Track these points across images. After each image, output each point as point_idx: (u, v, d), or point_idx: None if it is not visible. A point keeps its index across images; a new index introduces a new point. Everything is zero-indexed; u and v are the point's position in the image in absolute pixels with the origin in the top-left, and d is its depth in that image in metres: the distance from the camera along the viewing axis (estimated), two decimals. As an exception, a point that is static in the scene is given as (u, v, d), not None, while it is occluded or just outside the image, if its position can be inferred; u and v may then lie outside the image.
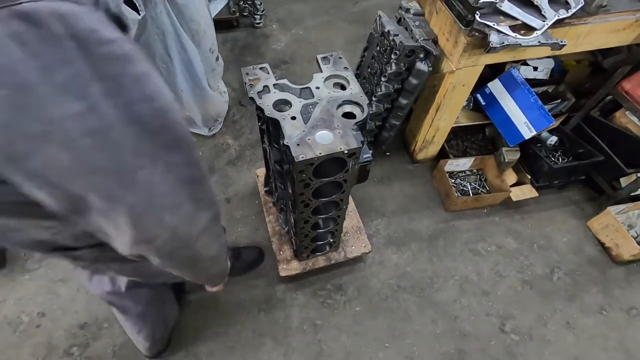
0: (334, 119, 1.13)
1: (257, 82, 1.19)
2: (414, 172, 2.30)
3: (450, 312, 1.81)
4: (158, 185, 0.51)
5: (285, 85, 1.21)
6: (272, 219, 1.86)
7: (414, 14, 1.82)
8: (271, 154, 1.37)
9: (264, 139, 1.49)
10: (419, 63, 1.72)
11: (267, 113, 1.12)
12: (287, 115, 1.12)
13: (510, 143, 1.98)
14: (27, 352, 1.66)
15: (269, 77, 1.22)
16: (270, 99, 1.16)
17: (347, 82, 1.25)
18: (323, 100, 1.17)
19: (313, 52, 2.92)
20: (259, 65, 1.25)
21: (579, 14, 1.50)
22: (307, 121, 1.11)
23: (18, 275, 1.87)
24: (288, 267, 1.73)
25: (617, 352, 1.73)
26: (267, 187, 1.87)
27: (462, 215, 2.13)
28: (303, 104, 1.16)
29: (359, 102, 1.19)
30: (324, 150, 1.05)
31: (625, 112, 1.96)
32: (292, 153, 1.03)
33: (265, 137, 1.38)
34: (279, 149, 1.24)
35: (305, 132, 1.08)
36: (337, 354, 1.68)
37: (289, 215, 1.60)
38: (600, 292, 1.90)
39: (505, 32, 1.44)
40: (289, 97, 1.17)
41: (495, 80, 2.01)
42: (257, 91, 1.18)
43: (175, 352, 1.66)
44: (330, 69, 1.26)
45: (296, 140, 1.06)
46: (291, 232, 1.66)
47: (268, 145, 1.38)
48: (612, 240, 1.98)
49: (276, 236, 1.80)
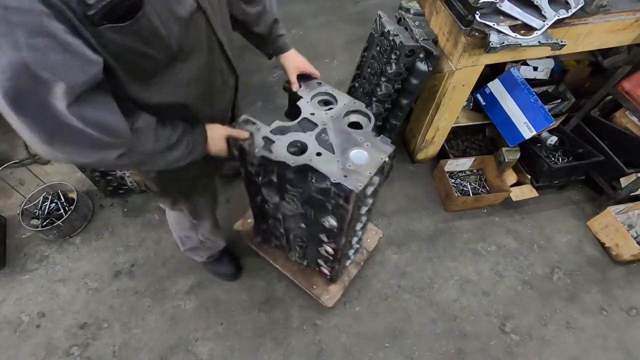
0: (352, 135, 1.08)
1: (253, 138, 1.07)
2: (414, 172, 2.30)
3: (450, 312, 1.81)
4: None
5: (282, 128, 1.11)
6: (282, 261, 1.73)
7: (414, 14, 1.82)
8: (280, 204, 1.27)
9: (260, 196, 1.34)
10: (419, 63, 1.72)
11: (292, 163, 1.01)
12: (312, 156, 1.03)
13: (510, 143, 1.98)
14: (27, 352, 1.66)
15: (258, 125, 1.11)
16: (281, 149, 1.05)
17: (332, 95, 1.20)
18: (329, 123, 1.11)
19: (313, 52, 2.92)
20: (241, 119, 1.12)
21: (579, 14, 1.50)
22: (332, 150, 1.04)
23: (18, 275, 1.87)
24: (330, 295, 1.66)
25: (617, 352, 1.73)
26: (260, 237, 1.72)
27: (462, 215, 2.13)
28: (315, 136, 1.08)
29: (359, 110, 1.16)
30: (370, 168, 1.01)
31: (625, 112, 1.96)
32: (347, 187, 0.97)
33: (271, 191, 1.24)
34: (307, 191, 1.14)
35: (340, 161, 1.02)
36: (337, 354, 1.68)
37: (311, 249, 1.50)
38: (600, 292, 1.90)
39: (505, 32, 1.44)
40: (296, 137, 1.08)
41: (495, 80, 2.01)
42: (261, 146, 1.07)
43: (175, 352, 1.66)
44: (307, 91, 1.20)
45: (341, 174, 0.99)
46: (319, 262, 1.58)
47: (278, 199, 1.25)
48: (612, 240, 1.98)
49: (298, 274, 1.70)
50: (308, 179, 1.08)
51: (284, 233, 1.50)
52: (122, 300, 1.80)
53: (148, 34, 0.71)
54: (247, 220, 1.80)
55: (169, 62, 0.80)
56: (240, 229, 1.79)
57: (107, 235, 2.00)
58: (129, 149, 0.79)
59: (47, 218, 1.96)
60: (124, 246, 1.96)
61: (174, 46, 0.77)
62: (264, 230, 1.63)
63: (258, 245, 1.75)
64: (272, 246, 1.73)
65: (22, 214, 1.93)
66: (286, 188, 1.17)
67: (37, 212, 1.99)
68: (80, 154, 0.75)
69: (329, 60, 2.89)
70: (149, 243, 1.97)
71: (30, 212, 2.00)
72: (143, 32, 0.70)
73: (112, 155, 0.77)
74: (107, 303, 1.79)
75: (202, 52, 0.87)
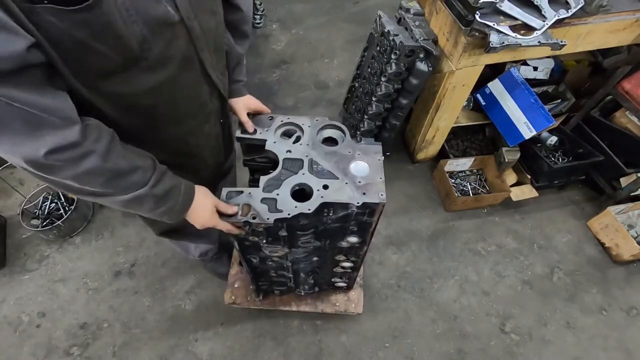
0: (339, 151, 1.06)
1: (249, 207, 0.95)
2: (414, 172, 2.30)
3: (450, 312, 1.81)
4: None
5: (272, 181, 1.00)
6: (294, 302, 1.63)
7: (414, 14, 1.82)
8: (289, 253, 1.20)
9: (258, 258, 1.23)
10: (419, 63, 1.71)
11: (309, 210, 0.94)
12: (321, 192, 0.97)
13: (510, 143, 1.98)
14: (27, 352, 1.66)
15: (247, 191, 0.98)
16: (287, 202, 0.96)
17: (292, 123, 1.13)
18: (311, 152, 1.05)
19: (313, 52, 2.92)
20: (223, 193, 0.98)
21: (579, 14, 1.50)
22: (334, 175, 1.01)
23: (18, 275, 1.87)
24: (356, 302, 1.63)
25: (617, 352, 1.73)
26: (261, 295, 1.59)
27: (462, 215, 2.13)
28: (309, 171, 1.01)
29: (327, 125, 1.12)
30: (377, 173, 1.01)
31: (625, 112, 1.96)
32: (372, 202, 0.96)
33: (277, 246, 1.14)
34: (321, 226, 1.08)
35: (348, 182, 0.99)
36: (337, 354, 1.68)
37: (324, 274, 1.46)
38: (600, 292, 1.90)
39: (505, 32, 1.44)
40: (293, 182, 0.99)
41: (495, 80, 2.01)
42: (269, 210, 0.95)
43: (175, 352, 1.66)
44: (265, 130, 1.11)
45: (359, 193, 0.97)
46: (333, 281, 1.55)
47: (286, 249, 1.17)
48: (612, 240, 1.98)
49: (317, 303, 1.63)
50: (323, 215, 1.02)
51: (293, 276, 1.42)
52: (122, 300, 1.80)
53: (100, 29, 0.61)
54: (233, 287, 1.63)
55: (127, 67, 0.70)
56: (233, 300, 1.60)
57: (107, 235, 2.00)
58: (72, 143, 0.65)
59: (47, 218, 1.96)
60: (124, 246, 1.96)
61: (135, 50, 0.68)
62: (263, 287, 1.54)
63: (261, 303, 1.62)
64: (277, 295, 1.63)
65: (22, 214, 1.93)
66: (297, 235, 1.10)
67: (37, 212, 1.99)
68: (9, 142, 0.62)
69: (329, 60, 2.89)
70: (149, 243, 1.97)
71: (30, 212, 2.00)
72: (94, 24, 0.60)
73: (49, 144, 0.63)
74: (107, 303, 1.79)
75: (173, 66, 0.78)
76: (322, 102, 2.63)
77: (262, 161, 1.18)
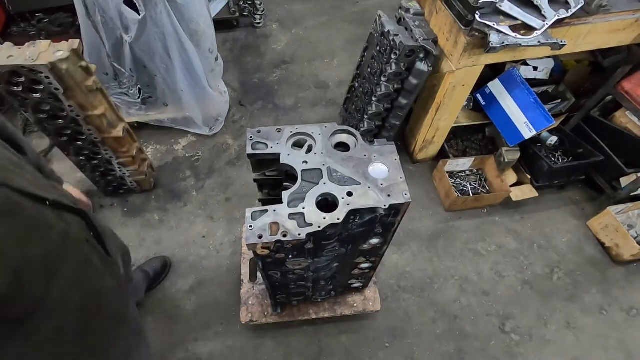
0: (355, 156, 1.05)
1: (278, 226, 0.93)
2: (414, 172, 2.30)
3: (450, 312, 1.81)
4: None
5: (296, 197, 0.98)
6: (313, 309, 1.64)
7: (414, 14, 1.82)
8: (313, 263, 1.19)
9: (279, 272, 1.21)
10: (419, 63, 1.72)
11: (339, 219, 0.93)
12: (347, 199, 0.96)
13: (510, 143, 1.98)
14: (27, 352, 1.66)
15: (271, 208, 0.96)
16: (315, 215, 0.94)
17: (301, 133, 1.11)
18: (329, 160, 1.04)
19: (313, 52, 2.92)
20: (248, 214, 0.95)
21: (579, 14, 1.50)
22: (355, 181, 1.01)
23: (18, 275, 1.87)
24: (373, 300, 1.64)
25: (617, 352, 1.73)
26: (279, 307, 1.60)
27: (462, 215, 2.13)
28: (332, 180, 1.00)
29: (338, 130, 1.12)
30: (397, 173, 1.01)
31: (625, 112, 1.96)
32: (398, 203, 0.96)
33: (301, 258, 1.12)
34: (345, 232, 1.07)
35: (370, 187, 0.99)
36: (337, 354, 1.68)
37: (342, 277, 1.45)
38: (600, 292, 1.90)
39: (505, 32, 1.44)
40: (317, 193, 0.97)
41: (495, 80, 2.01)
42: (299, 225, 0.93)
43: (175, 352, 1.66)
44: (276, 143, 1.08)
45: (383, 195, 0.97)
46: (349, 283, 1.55)
47: (310, 260, 1.15)
48: (612, 240, 1.98)
49: (335, 308, 1.65)
50: (349, 221, 1.01)
51: (312, 285, 1.40)
52: (122, 300, 1.80)
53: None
54: (248, 304, 1.61)
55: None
56: (250, 318, 1.58)
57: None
58: None
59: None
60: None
61: None
62: (281, 299, 1.54)
63: (280, 317, 1.61)
64: (294, 305, 1.63)
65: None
66: (322, 245, 1.08)
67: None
68: None
69: (329, 60, 2.89)
70: (149, 243, 1.97)
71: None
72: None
73: None
74: (107, 303, 1.79)
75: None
76: (322, 102, 2.63)
77: (272, 175, 1.17)
